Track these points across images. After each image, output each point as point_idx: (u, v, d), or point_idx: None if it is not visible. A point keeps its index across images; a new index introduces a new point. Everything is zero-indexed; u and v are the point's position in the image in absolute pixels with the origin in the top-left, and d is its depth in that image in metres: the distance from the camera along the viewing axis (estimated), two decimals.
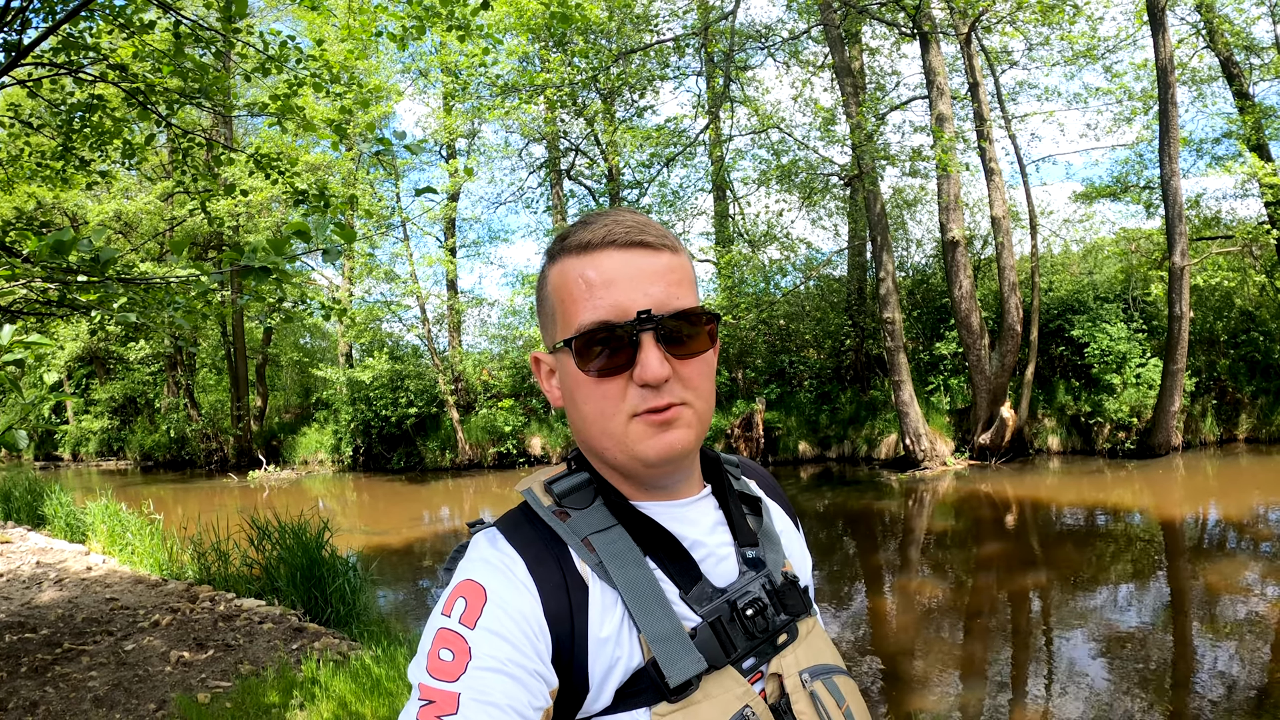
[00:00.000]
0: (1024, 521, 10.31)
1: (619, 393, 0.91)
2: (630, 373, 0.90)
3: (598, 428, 0.93)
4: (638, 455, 0.91)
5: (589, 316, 0.90)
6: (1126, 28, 16.39)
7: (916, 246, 18.90)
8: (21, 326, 5.62)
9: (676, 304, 0.91)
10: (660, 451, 0.90)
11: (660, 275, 0.92)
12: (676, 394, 0.91)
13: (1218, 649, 5.69)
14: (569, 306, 0.92)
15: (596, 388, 0.91)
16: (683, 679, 0.86)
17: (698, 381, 0.93)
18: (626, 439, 0.91)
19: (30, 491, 12.28)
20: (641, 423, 0.90)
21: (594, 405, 0.92)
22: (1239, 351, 14.45)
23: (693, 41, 14.82)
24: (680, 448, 0.91)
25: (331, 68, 5.05)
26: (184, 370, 24.79)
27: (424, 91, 20.80)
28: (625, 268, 0.91)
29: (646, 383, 0.89)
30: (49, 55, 4.97)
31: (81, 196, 18.51)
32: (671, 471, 0.95)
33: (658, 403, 0.90)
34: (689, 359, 0.92)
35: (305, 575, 6.57)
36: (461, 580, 0.89)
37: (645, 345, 0.89)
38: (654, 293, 0.90)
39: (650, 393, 0.90)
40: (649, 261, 0.92)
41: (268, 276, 2.31)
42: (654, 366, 0.88)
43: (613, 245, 0.92)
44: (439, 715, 0.80)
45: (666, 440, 0.90)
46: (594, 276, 0.91)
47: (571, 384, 0.94)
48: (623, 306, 0.89)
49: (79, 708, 4.47)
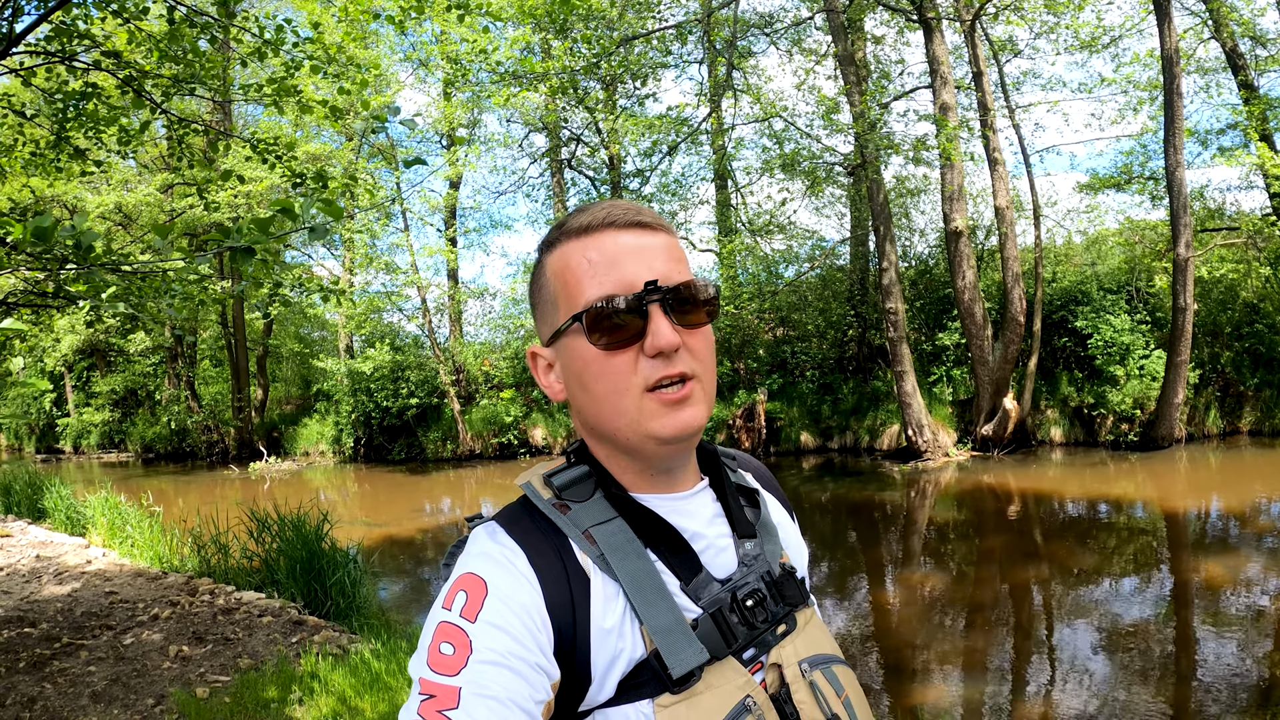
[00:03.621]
0: (1026, 513, 10.27)
1: (630, 366, 0.91)
2: (641, 344, 0.91)
3: (609, 406, 0.92)
4: (652, 432, 0.91)
5: (596, 291, 0.91)
6: (1132, 17, 16.23)
7: (920, 236, 18.82)
8: (16, 319, 5.57)
9: (678, 278, 0.93)
10: (675, 429, 0.91)
11: (661, 251, 0.94)
12: (687, 364, 0.92)
13: (1220, 643, 5.66)
14: (573, 287, 0.93)
15: (608, 363, 0.91)
16: (685, 670, 0.86)
17: (704, 354, 0.95)
18: (641, 416, 0.91)
19: (31, 485, 12.26)
20: (655, 400, 0.91)
21: (606, 382, 0.92)
22: (1243, 344, 14.37)
23: (695, 29, 14.70)
24: (695, 425, 0.92)
25: (329, 50, 4.98)
26: (185, 362, 24.77)
27: (424, 80, 20.71)
28: (627, 246, 0.93)
29: (660, 350, 0.89)
30: (42, 44, 4.91)
31: (81, 189, 18.43)
32: (683, 450, 0.96)
33: (670, 371, 0.90)
34: (695, 329, 0.94)
35: (305, 568, 6.55)
36: (462, 574, 0.89)
37: (655, 315, 0.90)
38: (657, 267, 0.92)
39: (662, 362, 0.91)
40: (648, 240, 0.94)
41: (252, 257, 2.26)
42: (666, 333, 0.89)
43: (612, 226, 0.93)
44: (440, 709, 0.80)
45: (682, 418, 0.91)
46: (597, 256, 0.92)
47: (579, 366, 0.94)
48: (628, 281, 0.91)
49: (77, 703, 4.44)
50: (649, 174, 17.46)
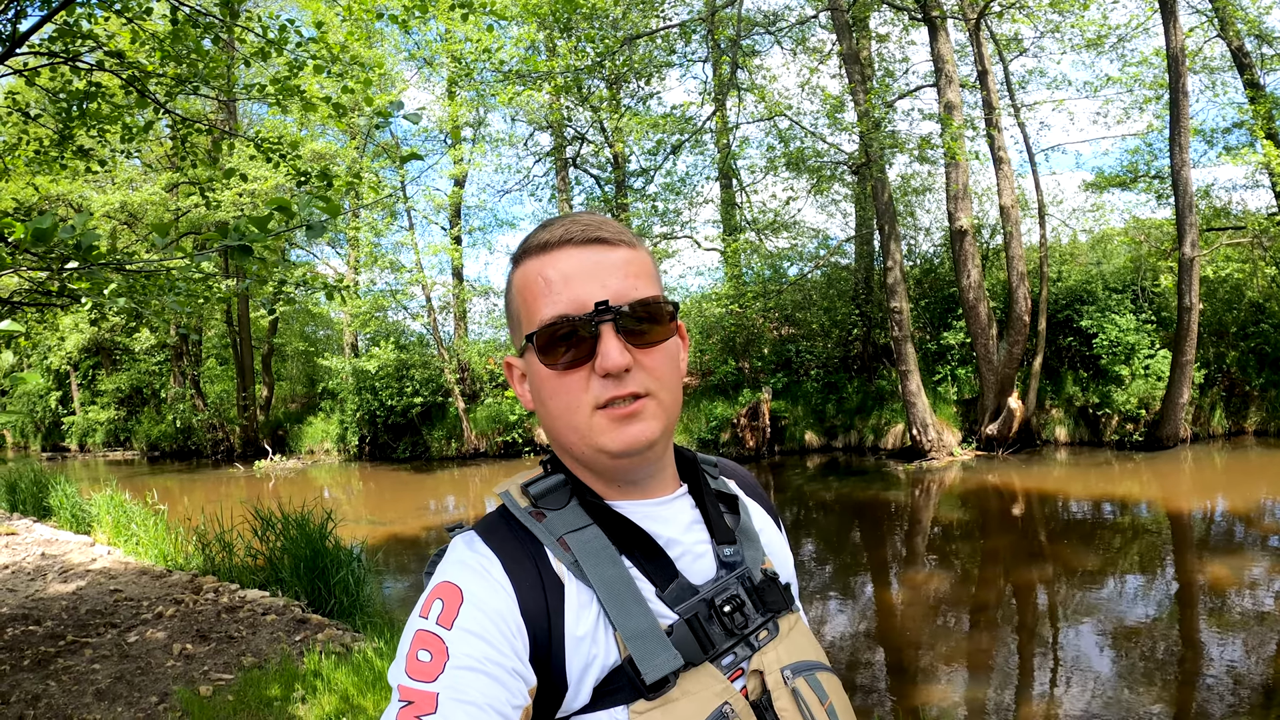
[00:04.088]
0: (1030, 513, 10.25)
1: (582, 385, 0.92)
2: (592, 364, 0.91)
3: (563, 422, 0.94)
4: (601, 447, 0.92)
5: (549, 311, 0.91)
6: (1138, 15, 16.17)
7: (924, 235, 18.79)
8: (21, 319, 5.59)
9: (635, 295, 0.92)
10: (623, 443, 0.91)
11: (617, 268, 0.93)
12: (640, 383, 0.92)
13: (1225, 643, 5.64)
14: (531, 305, 0.94)
15: (560, 381, 0.92)
16: (658, 676, 0.86)
17: (661, 371, 0.94)
18: (590, 432, 0.92)
19: (36, 483, 12.31)
20: (605, 416, 0.91)
21: (559, 400, 0.93)
22: (1248, 344, 14.30)
23: (699, 28, 14.68)
24: (645, 439, 0.92)
25: (332, 49, 4.98)
26: (190, 360, 24.83)
27: (429, 80, 20.72)
28: (583, 264, 0.93)
29: (608, 372, 0.90)
30: (46, 44, 4.92)
31: (86, 187, 18.47)
32: (638, 464, 0.95)
33: (620, 392, 0.90)
34: (650, 348, 0.93)
35: (309, 566, 6.56)
36: (439, 582, 0.90)
37: (605, 336, 0.90)
38: (611, 285, 0.92)
39: (612, 382, 0.91)
40: (606, 256, 0.94)
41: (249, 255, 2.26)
42: (614, 355, 0.89)
43: (569, 244, 0.93)
44: (418, 715, 0.80)
45: (630, 433, 0.91)
46: (553, 275, 0.93)
47: (538, 381, 0.95)
48: (581, 300, 0.91)
49: (81, 701, 4.46)
50: (653, 173, 17.45)
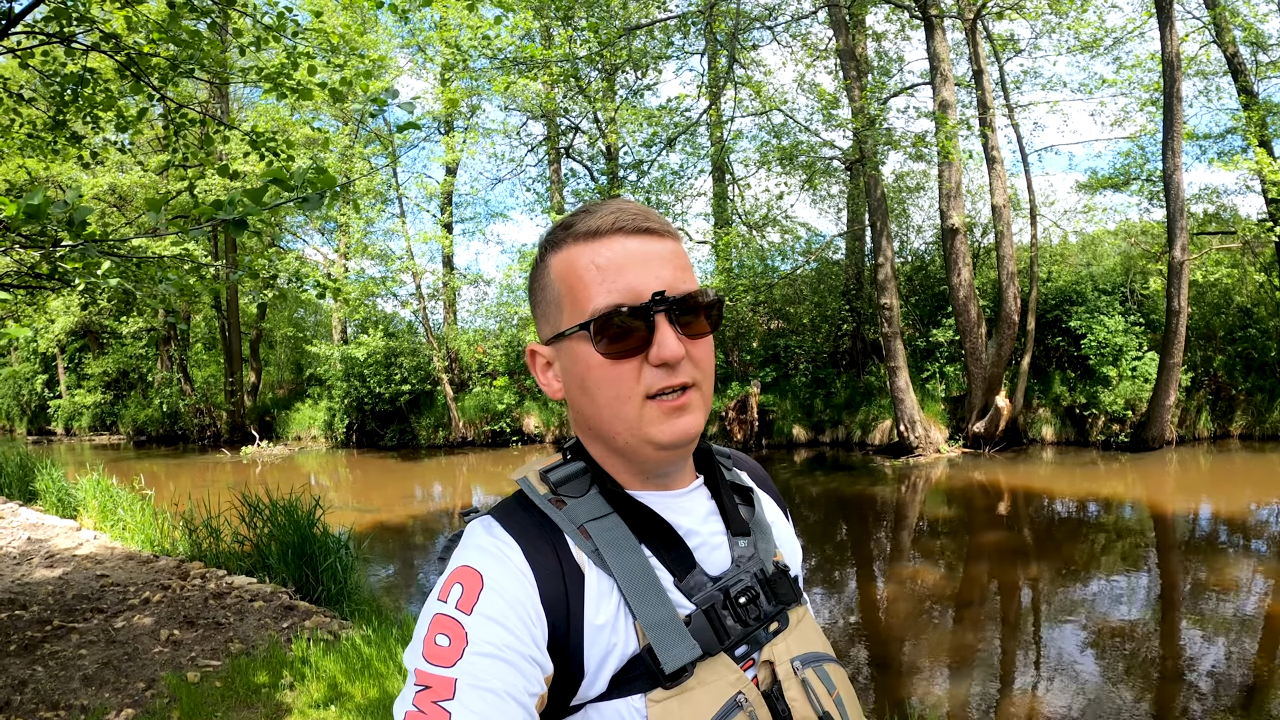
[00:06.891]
0: (1016, 511, 10.33)
1: (634, 374, 0.92)
2: (646, 354, 0.91)
3: (610, 412, 0.93)
4: (651, 438, 0.92)
5: (604, 300, 0.91)
6: (1134, 19, 16.23)
7: (916, 233, 18.85)
8: (12, 300, 5.55)
9: (684, 287, 0.94)
10: (674, 435, 0.92)
11: (668, 260, 0.94)
12: (689, 373, 0.93)
13: (1206, 643, 5.72)
14: (579, 293, 0.93)
15: (612, 370, 0.92)
16: (677, 665, 0.87)
17: (706, 364, 0.96)
18: (641, 422, 0.92)
19: (22, 466, 12.21)
20: (656, 406, 0.92)
21: (609, 389, 0.93)
22: (1236, 348, 14.43)
23: (698, 20, 14.64)
24: (693, 431, 0.93)
25: (331, 39, 4.96)
26: (177, 345, 24.69)
27: (422, 67, 20.59)
28: (635, 253, 0.93)
29: (665, 361, 0.91)
30: (40, 25, 4.87)
31: (75, 169, 18.31)
32: (679, 457, 0.97)
33: (673, 381, 0.92)
34: (698, 339, 0.95)
35: (296, 553, 6.54)
36: (458, 566, 0.89)
37: (661, 325, 0.91)
38: (664, 276, 0.93)
39: (666, 372, 0.92)
40: (656, 247, 0.94)
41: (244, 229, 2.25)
42: (671, 345, 0.90)
43: (621, 232, 0.93)
44: (436, 700, 0.80)
45: (681, 425, 0.92)
46: (605, 262, 0.92)
47: (582, 370, 0.94)
48: (636, 290, 0.91)
49: (68, 686, 4.45)
50: (647, 166, 17.41)
